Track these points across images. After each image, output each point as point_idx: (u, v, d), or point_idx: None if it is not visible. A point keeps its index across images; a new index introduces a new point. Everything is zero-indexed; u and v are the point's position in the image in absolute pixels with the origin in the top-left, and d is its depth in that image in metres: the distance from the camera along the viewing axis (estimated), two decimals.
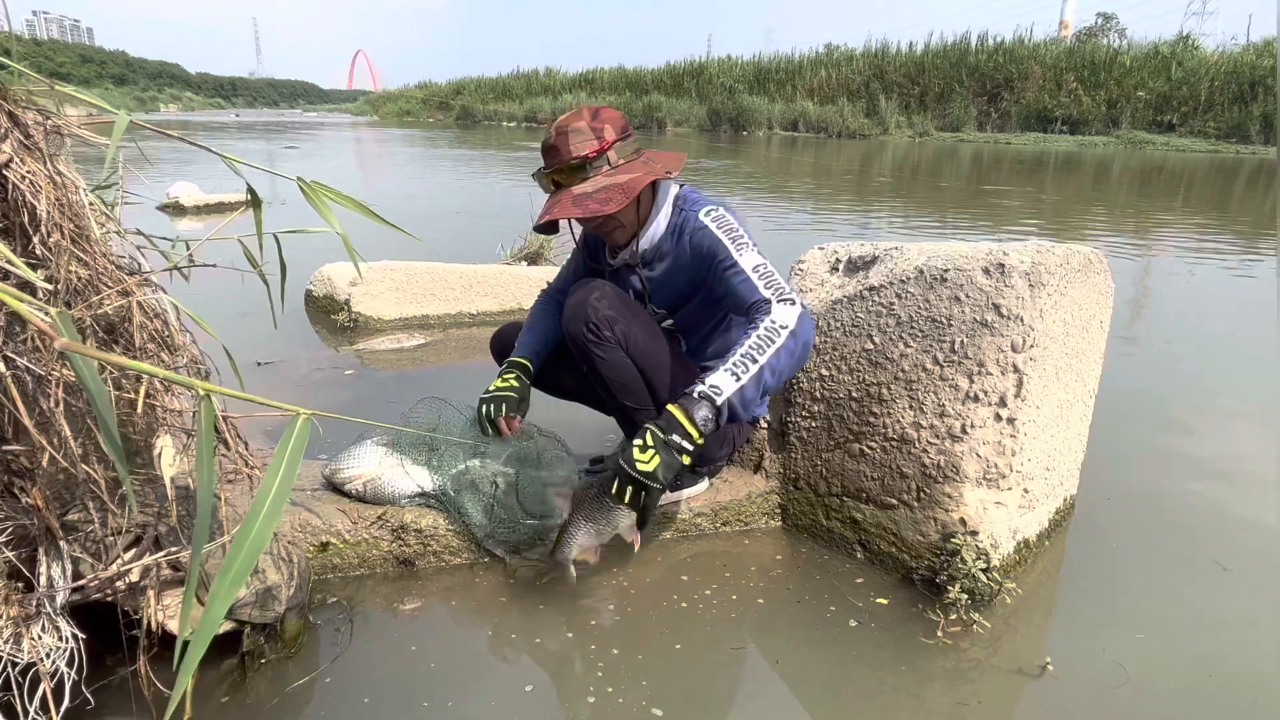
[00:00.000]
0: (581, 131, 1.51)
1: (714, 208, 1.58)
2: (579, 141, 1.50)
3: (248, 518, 0.51)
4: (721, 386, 1.35)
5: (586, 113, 1.53)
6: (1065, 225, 7.52)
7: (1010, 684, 1.37)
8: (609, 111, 1.55)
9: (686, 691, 1.34)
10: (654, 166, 1.55)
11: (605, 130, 1.51)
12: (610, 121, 1.53)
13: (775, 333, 1.38)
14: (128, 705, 1.20)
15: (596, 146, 1.51)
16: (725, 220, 1.55)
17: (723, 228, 1.54)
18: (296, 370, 2.96)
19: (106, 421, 0.59)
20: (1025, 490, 1.64)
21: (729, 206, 1.59)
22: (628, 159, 1.54)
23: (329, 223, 1.10)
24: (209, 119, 45.03)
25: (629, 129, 1.57)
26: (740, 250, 1.51)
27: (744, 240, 1.53)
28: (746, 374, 1.35)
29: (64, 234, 1.06)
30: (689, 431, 1.33)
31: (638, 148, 1.58)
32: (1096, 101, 26.63)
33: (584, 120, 1.52)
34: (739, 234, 1.53)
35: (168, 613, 1.20)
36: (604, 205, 1.47)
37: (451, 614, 1.53)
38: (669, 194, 1.63)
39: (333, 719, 1.25)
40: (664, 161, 1.58)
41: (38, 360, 1.00)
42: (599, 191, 1.49)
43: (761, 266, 1.49)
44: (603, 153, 1.51)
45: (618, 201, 1.47)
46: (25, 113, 1.09)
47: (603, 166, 1.52)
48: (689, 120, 32.55)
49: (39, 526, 1.05)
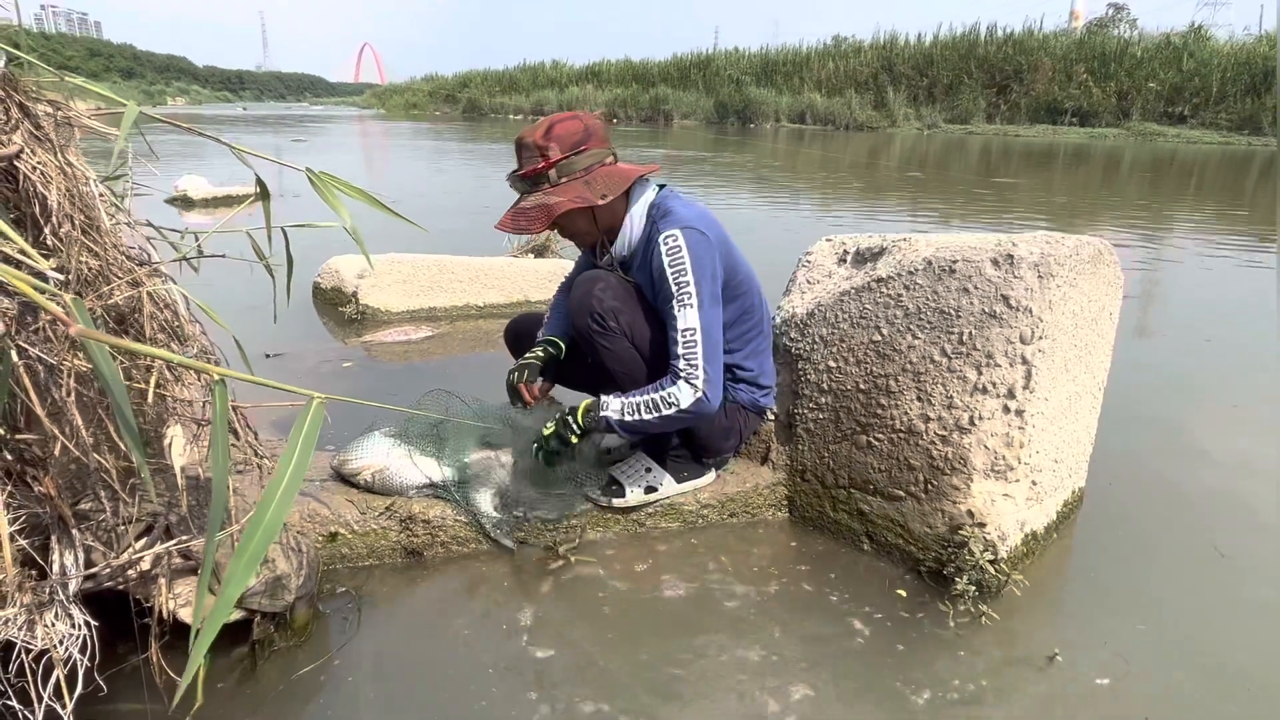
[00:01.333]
0: (529, 148, 1.58)
1: (674, 233, 1.58)
2: (527, 158, 1.59)
3: (262, 501, 0.51)
4: (610, 414, 1.61)
5: (541, 128, 1.58)
6: (1075, 217, 7.48)
7: (1018, 675, 1.37)
8: (565, 125, 1.58)
9: (691, 680, 1.34)
10: (593, 188, 1.58)
11: (551, 148, 1.56)
12: (560, 139, 1.56)
13: (667, 404, 1.58)
14: (139, 692, 1.21)
15: (539, 165, 1.57)
16: (678, 256, 1.57)
17: (673, 265, 1.57)
18: (304, 362, 2.97)
19: (122, 408, 0.59)
20: (1033, 482, 1.64)
21: (694, 226, 1.59)
22: (571, 176, 1.58)
23: (339, 214, 1.10)
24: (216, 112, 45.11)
25: (587, 141, 1.58)
26: (682, 302, 1.57)
27: (688, 288, 1.56)
28: (630, 415, 1.60)
29: (74, 224, 1.06)
30: (579, 422, 1.62)
31: (598, 161, 1.60)
32: (1107, 93, 26.38)
33: (536, 136, 1.57)
34: (685, 279, 1.56)
35: (178, 601, 1.21)
36: (530, 224, 1.57)
37: (459, 604, 1.54)
38: (642, 199, 1.66)
39: (341, 706, 1.26)
40: (605, 184, 1.59)
41: (49, 350, 1.00)
42: (533, 209, 1.59)
43: (689, 332, 1.56)
44: (544, 172, 1.57)
45: (541, 223, 1.57)
46: (36, 104, 1.10)
47: (544, 184, 1.58)
48: (696, 113, 32.44)
49: (51, 515, 1.06)
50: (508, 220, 1.60)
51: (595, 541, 1.75)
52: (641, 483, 1.76)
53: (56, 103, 1.10)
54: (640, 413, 1.60)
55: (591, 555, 1.70)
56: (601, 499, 1.74)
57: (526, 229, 1.58)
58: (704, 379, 1.56)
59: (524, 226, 1.57)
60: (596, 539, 1.76)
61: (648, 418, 1.59)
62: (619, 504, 1.74)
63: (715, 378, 1.58)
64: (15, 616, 0.97)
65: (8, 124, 1.06)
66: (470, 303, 3.72)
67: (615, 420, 1.61)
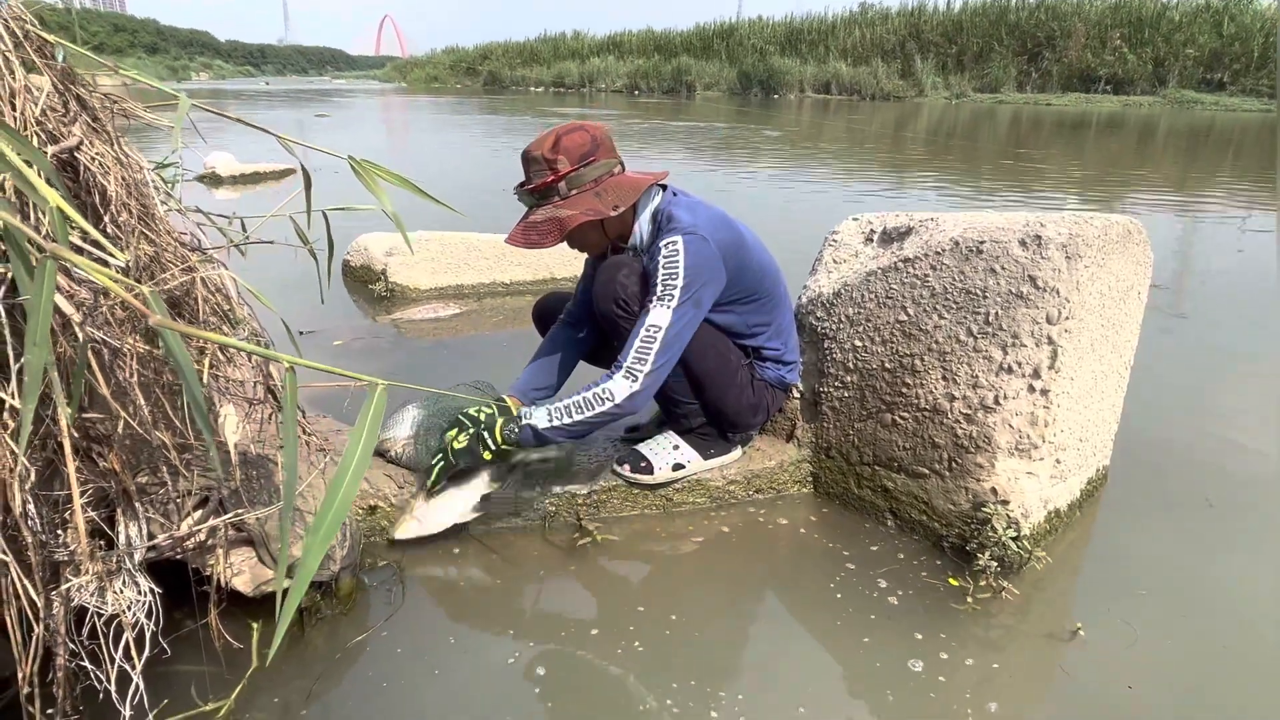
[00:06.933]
0: (538, 161, 1.57)
1: (675, 239, 1.58)
2: (535, 171, 1.58)
3: (333, 482, 0.56)
4: (536, 422, 1.60)
5: (550, 139, 1.57)
6: (1105, 189, 7.34)
7: (1039, 649, 1.41)
8: (573, 137, 1.57)
9: (716, 652, 1.39)
10: (604, 200, 1.58)
11: (559, 161, 1.56)
12: (568, 151, 1.56)
13: (600, 399, 1.57)
14: (198, 655, 1.28)
15: (548, 179, 1.57)
16: (673, 260, 1.56)
17: (666, 266, 1.57)
18: (337, 339, 3.04)
19: (195, 394, 0.64)
20: (1057, 461, 1.66)
21: (696, 232, 1.59)
22: (581, 189, 1.58)
23: (380, 202, 1.14)
24: (240, 87, 45.33)
25: (595, 152, 1.58)
26: (661, 300, 1.56)
27: (672, 289, 1.56)
28: (559, 419, 1.59)
29: (132, 213, 1.11)
30: (496, 439, 1.61)
31: (607, 171, 1.60)
32: (1143, 60, 25.62)
33: (544, 149, 1.57)
34: (672, 281, 1.56)
35: (233, 570, 1.27)
36: (543, 239, 1.57)
37: (496, 576, 1.60)
38: (650, 206, 1.67)
39: (394, 676, 1.33)
40: (616, 194, 1.59)
41: (111, 334, 1.06)
42: (544, 223, 1.58)
43: (653, 329, 1.55)
44: (553, 185, 1.57)
45: (553, 237, 1.57)
46: (92, 96, 1.14)
47: (554, 197, 1.58)
48: (719, 83, 32.03)
49: (116, 489, 1.12)
50: (519, 235, 1.60)
51: (624, 517, 1.81)
52: (669, 460, 1.80)
53: (111, 95, 1.14)
54: (570, 414, 1.58)
55: (620, 530, 1.75)
56: (630, 475, 1.79)
57: (539, 244, 1.57)
58: (646, 373, 1.55)
59: (536, 241, 1.57)
60: (625, 515, 1.81)
61: (577, 418, 1.58)
62: (647, 481, 1.79)
63: (656, 379, 1.57)
64: (87, 584, 1.04)
65: (66, 116, 1.11)
66: (497, 280, 3.77)
67: (543, 428, 1.59)
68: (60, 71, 1.10)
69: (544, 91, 36.50)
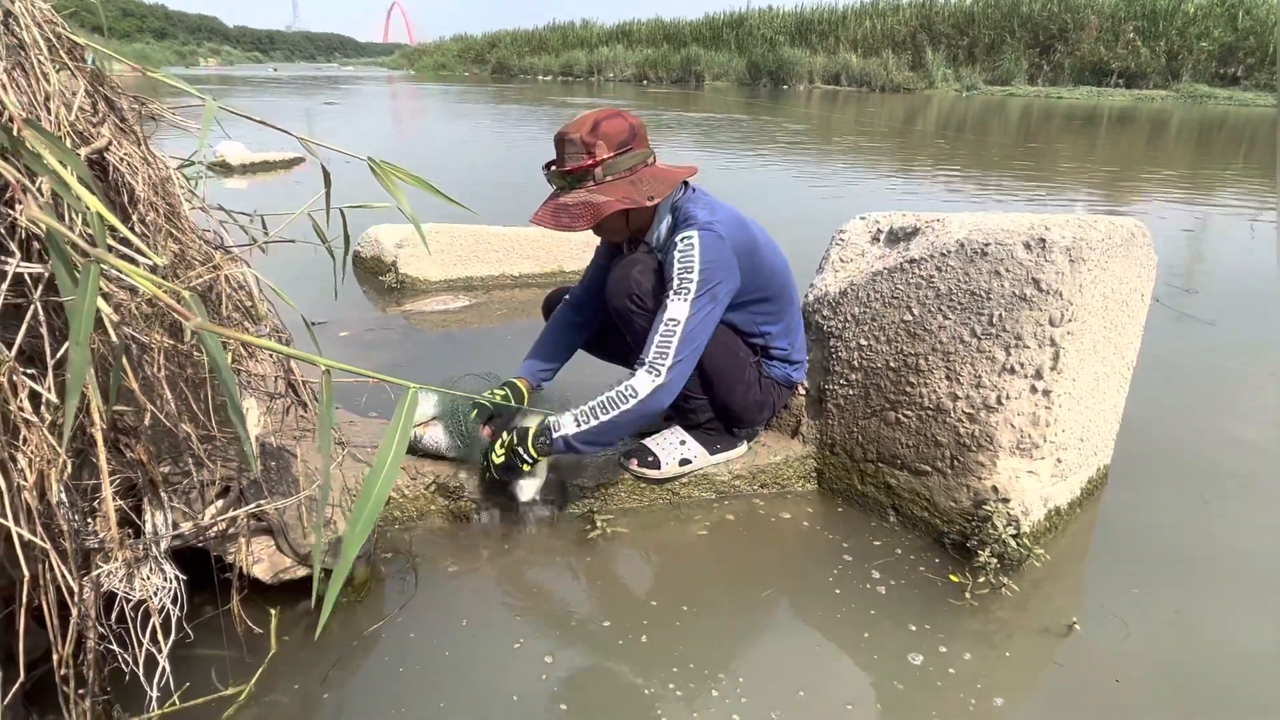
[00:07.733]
0: (575, 144, 1.56)
1: (691, 234, 1.59)
2: (571, 153, 1.57)
3: (369, 477, 0.59)
4: (566, 430, 1.60)
5: (589, 123, 1.57)
6: (1115, 188, 7.32)
7: (1033, 641, 1.44)
8: (612, 124, 1.57)
9: (720, 643, 1.43)
10: (639, 189, 1.58)
11: (598, 146, 1.56)
12: (607, 137, 1.56)
13: (625, 398, 1.56)
14: (220, 641, 1.33)
15: (584, 162, 1.56)
16: (689, 254, 1.57)
17: (682, 261, 1.57)
18: (347, 330, 3.08)
19: (231, 390, 0.67)
20: (1058, 460, 1.68)
21: (712, 229, 1.60)
22: (617, 176, 1.58)
23: (399, 204, 1.17)
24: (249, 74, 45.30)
25: (631, 141, 1.59)
26: (678, 294, 1.57)
27: (689, 283, 1.56)
28: (586, 424, 1.59)
29: (159, 212, 1.14)
30: (530, 451, 1.62)
31: (641, 161, 1.61)
32: (1156, 53, 25.38)
33: (582, 131, 1.56)
34: (688, 275, 1.57)
35: (254, 558, 1.32)
36: (575, 222, 1.56)
37: (508, 567, 1.64)
38: (669, 200, 1.69)
39: (410, 662, 1.37)
40: (651, 185, 1.60)
41: (139, 329, 1.10)
42: (576, 206, 1.57)
43: (671, 323, 1.56)
44: (589, 169, 1.57)
45: (586, 221, 1.55)
46: (120, 97, 1.18)
47: (588, 181, 1.58)
48: (728, 74, 31.89)
49: (143, 479, 1.16)
50: (547, 216, 1.59)
51: (631, 509, 1.84)
52: (676, 455, 1.84)
53: (139, 96, 1.18)
54: (595, 415, 1.57)
55: (627, 523, 1.79)
56: (637, 470, 1.82)
57: (570, 226, 1.56)
58: (668, 366, 1.55)
59: (567, 224, 1.56)
60: (632, 507, 1.85)
61: (603, 418, 1.56)
62: (654, 475, 1.82)
63: (680, 373, 1.57)
64: (116, 570, 1.08)
65: (95, 116, 1.14)
66: (506, 272, 3.80)
67: (572, 435, 1.59)
68: (89, 73, 1.13)
69: (552, 80, 36.40)
